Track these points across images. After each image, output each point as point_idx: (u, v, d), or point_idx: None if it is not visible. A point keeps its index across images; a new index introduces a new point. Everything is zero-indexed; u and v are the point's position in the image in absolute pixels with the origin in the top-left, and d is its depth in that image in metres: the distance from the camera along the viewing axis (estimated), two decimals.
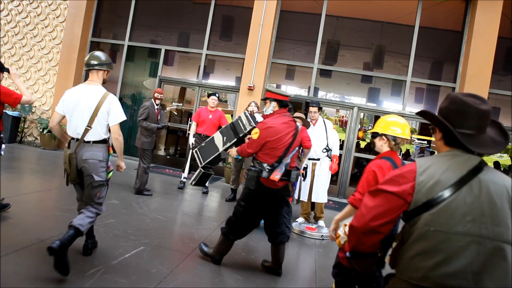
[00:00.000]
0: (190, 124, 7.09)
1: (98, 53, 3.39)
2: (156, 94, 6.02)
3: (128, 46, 9.36)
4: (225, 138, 3.82)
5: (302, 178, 5.18)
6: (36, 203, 4.68)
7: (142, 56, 9.66)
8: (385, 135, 2.65)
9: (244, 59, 8.46)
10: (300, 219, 5.47)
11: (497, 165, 8.60)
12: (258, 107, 6.29)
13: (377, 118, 8.85)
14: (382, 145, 2.68)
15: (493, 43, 7.59)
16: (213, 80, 9.34)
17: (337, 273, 2.73)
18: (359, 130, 8.68)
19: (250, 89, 8.28)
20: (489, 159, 8.68)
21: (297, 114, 4.95)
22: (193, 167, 6.50)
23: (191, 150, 6.30)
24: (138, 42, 9.41)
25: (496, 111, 8.32)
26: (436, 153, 1.73)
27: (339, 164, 5.80)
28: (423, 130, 9.49)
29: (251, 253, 3.97)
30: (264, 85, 8.49)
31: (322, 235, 4.89)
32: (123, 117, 3.22)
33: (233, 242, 3.51)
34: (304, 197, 5.31)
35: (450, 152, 1.56)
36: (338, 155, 5.38)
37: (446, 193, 1.43)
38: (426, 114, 1.64)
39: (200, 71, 9.06)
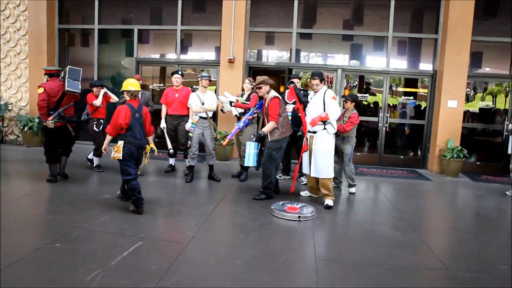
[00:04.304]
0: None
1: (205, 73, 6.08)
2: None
3: (99, 29, 8.97)
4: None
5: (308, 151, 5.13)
6: (27, 208, 4.59)
7: (115, 37, 9.30)
8: (125, 90, 4.45)
9: (220, 31, 8.19)
10: (303, 192, 5.45)
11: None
12: (251, 82, 6.23)
13: (361, 77, 8.75)
14: (126, 96, 4.48)
15: None
16: (192, 56, 9.07)
17: (127, 177, 4.38)
18: (345, 88, 8.57)
19: (231, 61, 8.08)
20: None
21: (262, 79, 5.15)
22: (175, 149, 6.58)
23: (165, 132, 6.41)
24: (109, 25, 9.02)
25: (479, 56, 8.27)
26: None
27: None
28: (408, 82, 9.40)
29: (248, 235, 3.98)
30: (245, 56, 8.28)
31: (299, 216, 4.48)
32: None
33: (56, 164, 5.56)
34: (305, 170, 5.18)
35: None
36: (326, 116, 4.82)
37: None
38: (347, 98, 5.89)
39: (177, 48, 8.77)
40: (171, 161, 6.68)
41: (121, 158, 4.31)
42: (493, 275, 3.34)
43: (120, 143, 4.33)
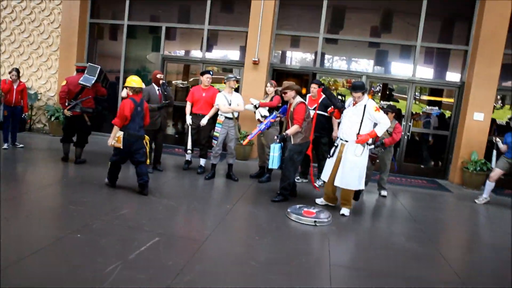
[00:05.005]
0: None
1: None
2: (158, 76, 6.20)
3: (128, 25, 9.16)
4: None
5: (328, 155, 5.08)
6: (50, 197, 4.76)
7: (143, 33, 9.48)
8: (128, 87, 4.96)
9: (247, 32, 8.24)
10: (319, 200, 5.32)
11: None
12: (273, 86, 6.27)
13: (385, 85, 8.64)
14: (128, 93, 5.00)
15: (508, 2, 7.20)
16: (217, 55, 9.16)
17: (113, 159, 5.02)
18: (368, 93, 8.46)
19: (255, 63, 8.12)
20: None
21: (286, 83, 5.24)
22: (195, 145, 6.52)
23: (189, 129, 6.34)
24: (138, 21, 9.20)
25: (509, 69, 8.02)
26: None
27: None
28: (434, 91, 9.22)
29: (264, 236, 4.01)
30: (270, 58, 8.30)
31: (315, 221, 4.45)
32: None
33: (68, 144, 6.31)
34: (324, 177, 5.08)
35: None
36: (375, 134, 4.68)
37: None
38: (387, 110, 5.82)
39: (203, 47, 8.87)
40: (188, 156, 6.66)
41: (121, 147, 4.87)
42: None
43: (121, 133, 4.87)
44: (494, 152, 6.44)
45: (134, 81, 5.00)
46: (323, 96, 5.68)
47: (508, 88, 7.98)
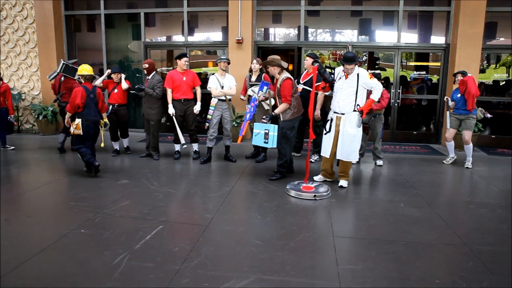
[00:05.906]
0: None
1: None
2: (143, 65, 6.23)
3: (105, 15, 8.92)
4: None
5: (324, 131, 5.02)
6: (50, 196, 4.71)
7: (122, 22, 9.26)
8: (80, 75, 5.34)
9: (227, 11, 8.09)
10: (317, 177, 5.27)
11: None
12: (259, 63, 6.13)
13: (371, 53, 8.62)
14: (81, 80, 5.37)
15: None
16: (199, 38, 9.01)
17: (77, 146, 5.31)
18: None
19: (239, 42, 8.02)
20: None
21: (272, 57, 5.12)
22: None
23: (174, 119, 6.11)
24: (115, 9, 8.95)
25: (493, 26, 8.06)
26: None
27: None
28: (420, 56, 9.26)
29: (266, 215, 4.06)
30: (253, 36, 8.20)
31: (315, 195, 4.54)
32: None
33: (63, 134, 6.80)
34: (324, 153, 5.04)
35: None
36: (373, 100, 4.76)
37: None
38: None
39: (184, 30, 8.71)
40: (177, 147, 6.50)
41: (81, 133, 5.18)
42: (510, 248, 3.37)
43: (78, 120, 5.18)
44: (448, 112, 6.53)
45: (85, 69, 5.34)
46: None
47: (493, 47, 8.02)
